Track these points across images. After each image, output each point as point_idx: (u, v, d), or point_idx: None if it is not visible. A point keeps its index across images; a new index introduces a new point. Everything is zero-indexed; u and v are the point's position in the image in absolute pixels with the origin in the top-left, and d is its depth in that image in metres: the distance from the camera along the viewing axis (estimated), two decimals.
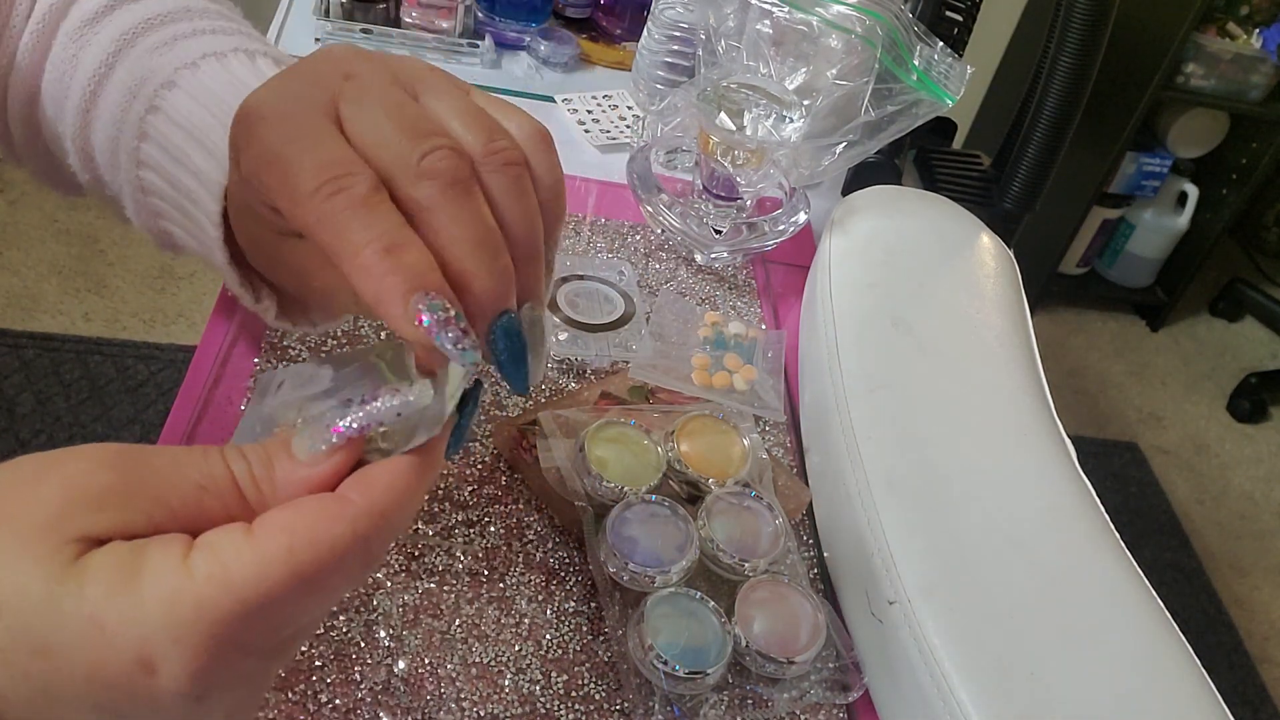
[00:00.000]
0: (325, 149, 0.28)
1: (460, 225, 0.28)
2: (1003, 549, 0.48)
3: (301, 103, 0.29)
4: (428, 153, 0.28)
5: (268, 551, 0.23)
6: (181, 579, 0.22)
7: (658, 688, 0.45)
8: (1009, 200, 0.81)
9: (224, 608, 0.22)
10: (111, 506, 0.23)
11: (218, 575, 0.23)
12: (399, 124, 0.28)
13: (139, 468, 0.24)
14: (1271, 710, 1.73)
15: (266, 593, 0.23)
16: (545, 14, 0.97)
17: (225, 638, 0.23)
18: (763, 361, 0.64)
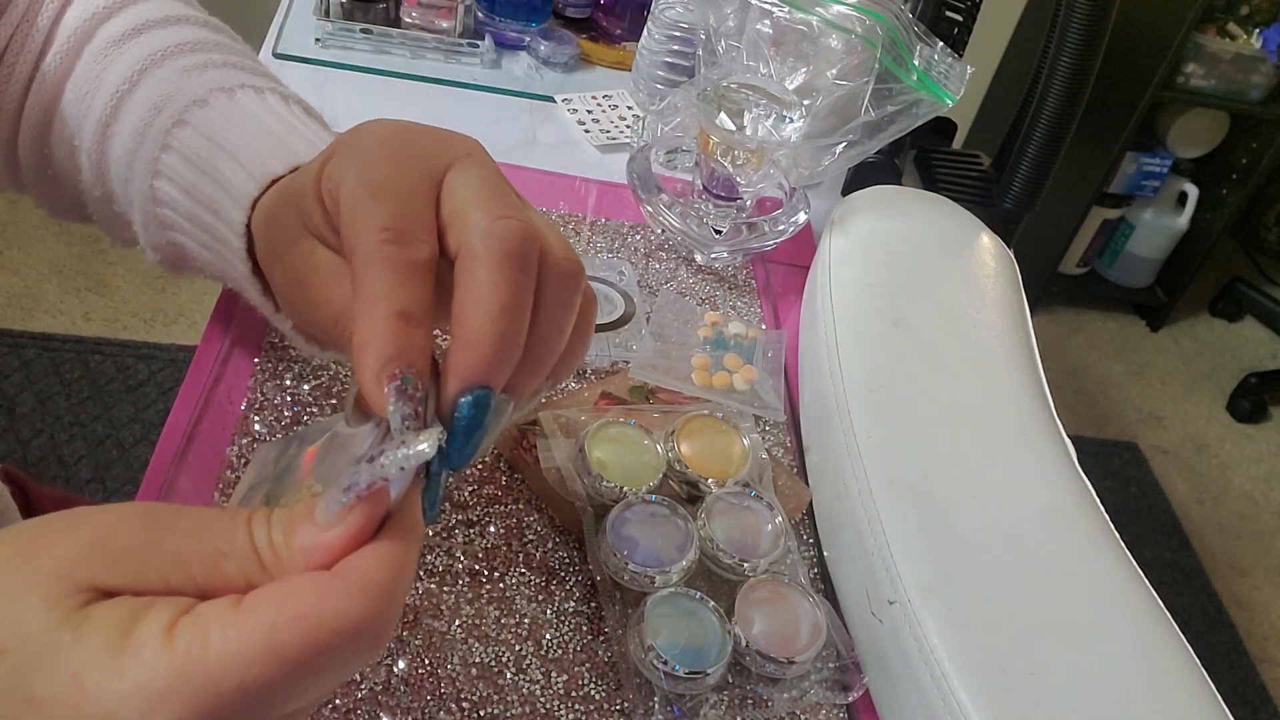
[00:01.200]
0: (414, 206, 0.30)
1: (497, 289, 0.29)
2: (1003, 549, 0.48)
3: (421, 157, 0.31)
4: (505, 218, 0.29)
5: (248, 629, 0.22)
6: (159, 650, 0.22)
7: (658, 688, 0.45)
8: (1009, 200, 0.81)
9: (196, 688, 0.21)
10: (129, 562, 0.23)
11: (195, 652, 0.22)
12: (493, 195, 0.30)
13: (164, 528, 0.24)
14: (1272, 710, 1.73)
15: (244, 674, 0.22)
16: (545, 14, 0.97)
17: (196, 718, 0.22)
18: (763, 361, 0.64)
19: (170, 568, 0.24)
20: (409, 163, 0.31)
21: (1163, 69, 2.06)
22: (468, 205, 0.30)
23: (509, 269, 0.29)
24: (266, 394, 0.54)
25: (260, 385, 0.55)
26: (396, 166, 0.31)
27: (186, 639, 0.22)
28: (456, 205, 0.30)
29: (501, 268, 0.29)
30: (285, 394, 0.55)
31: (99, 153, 0.44)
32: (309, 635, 0.22)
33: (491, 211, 0.30)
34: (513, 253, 0.29)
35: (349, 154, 0.32)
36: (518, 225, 0.29)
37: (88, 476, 1.56)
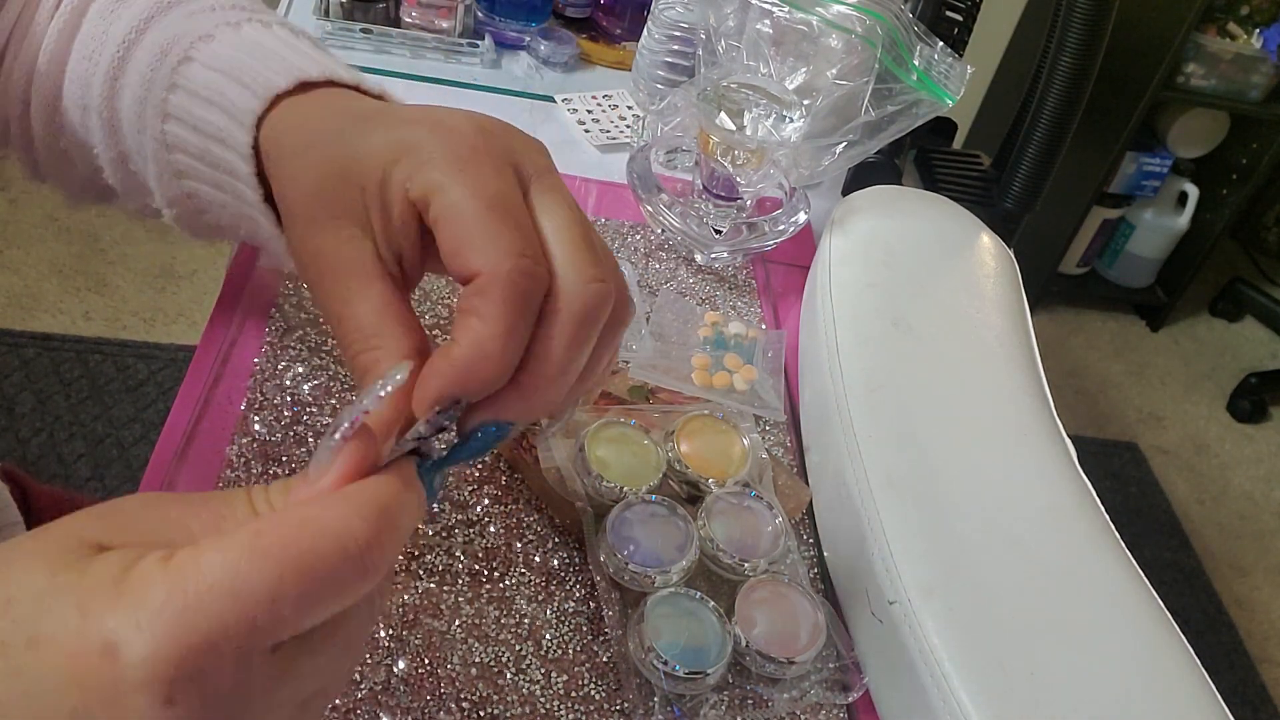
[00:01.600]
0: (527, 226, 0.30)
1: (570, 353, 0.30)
2: (1003, 549, 0.48)
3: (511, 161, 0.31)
4: (596, 281, 0.30)
5: (237, 539, 0.23)
6: (155, 572, 0.22)
7: (658, 688, 0.45)
8: (1009, 200, 0.81)
9: (189, 598, 0.21)
10: (133, 526, 0.24)
11: (189, 568, 0.22)
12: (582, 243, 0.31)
13: (167, 500, 0.25)
14: (1272, 710, 1.73)
15: (234, 580, 0.22)
16: (545, 14, 0.97)
17: (194, 627, 0.21)
18: (763, 361, 0.64)
19: (173, 529, 0.24)
20: (508, 173, 0.31)
21: (1163, 69, 2.06)
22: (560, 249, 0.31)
23: (586, 330, 0.30)
24: (266, 394, 0.54)
25: (260, 385, 0.55)
26: (502, 179, 0.31)
27: (180, 558, 0.22)
28: (549, 243, 0.31)
29: (580, 329, 0.30)
30: (285, 394, 0.55)
31: (109, 109, 0.43)
32: (293, 538, 0.23)
33: (584, 269, 0.30)
34: (594, 316, 0.30)
35: (442, 159, 0.31)
36: (605, 291, 0.30)
37: (87, 475, 1.56)
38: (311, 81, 0.38)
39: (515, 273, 0.29)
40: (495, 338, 0.28)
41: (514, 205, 0.30)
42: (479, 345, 0.28)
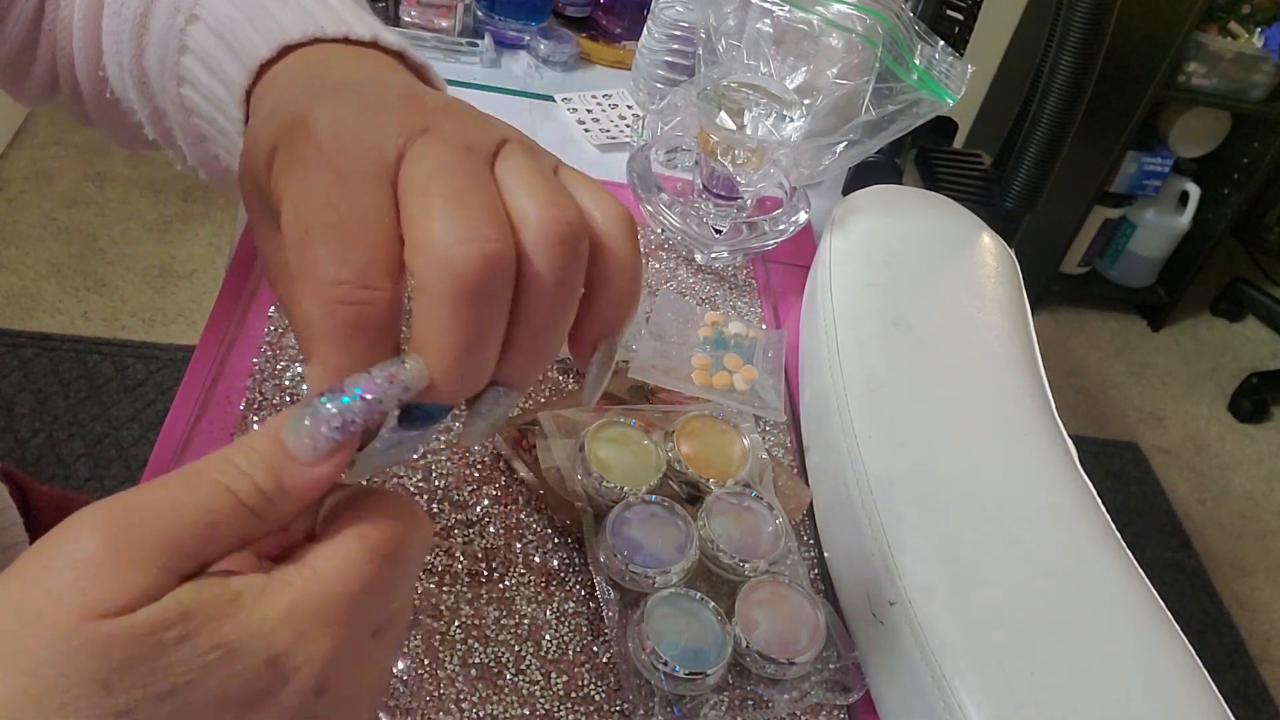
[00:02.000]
0: (366, 234, 0.26)
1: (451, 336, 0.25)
2: (1003, 549, 0.48)
3: (372, 152, 0.27)
4: (461, 242, 0.25)
5: (343, 545, 0.25)
6: (284, 586, 0.24)
7: (658, 688, 0.45)
8: (1010, 200, 0.81)
9: (329, 599, 0.24)
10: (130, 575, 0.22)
11: (308, 575, 0.24)
12: (448, 201, 0.26)
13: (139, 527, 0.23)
14: (1273, 711, 1.73)
15: (360, 577, 0.25)
16: (545, 13, 0.97)
17: (340, 620, 0.24)
18: (763, 361, 0.64)
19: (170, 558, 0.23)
20: (356, 170, 0.26)
21: (1164, 68, 2.06)
22: (421, 218, 0.26)
23: (464, 310, 0.25)
24: (265, 394, 0.54)
25: (259, 385, 0.55)
26: (340, 182, 0.26)
27: (299, 573, 0.24)
28: (411, 217, 0.26)
29: (457, 309, 0.25)
30: (284, 394, 0.55)
31: (138, 68, 0.42)
32: (389, 533, 0.25)
33: (446, 232, 0.25)
34: (470, 289, 0.25)
35: (289, 162, 0.27)
36: (476, 252, 0.25)
37: (86, 475, 1.56)
38: (295, 44, 0.35)
39: (330, 303, 0.25)
40: (333, 378, 0.26)
41: (345, 217, 0.26)
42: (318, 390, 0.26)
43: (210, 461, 0.25)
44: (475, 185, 0.26)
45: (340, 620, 0.24)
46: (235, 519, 0.24)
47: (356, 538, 0.25)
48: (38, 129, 2.21)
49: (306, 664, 0.24)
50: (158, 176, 2.15)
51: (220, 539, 0.24)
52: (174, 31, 0.39)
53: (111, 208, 2.06)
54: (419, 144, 0.27)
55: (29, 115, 2.23)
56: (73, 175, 2.12)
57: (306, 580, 0.24)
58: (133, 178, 2.14)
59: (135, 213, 2.06)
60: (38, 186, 2.07)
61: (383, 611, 0.26)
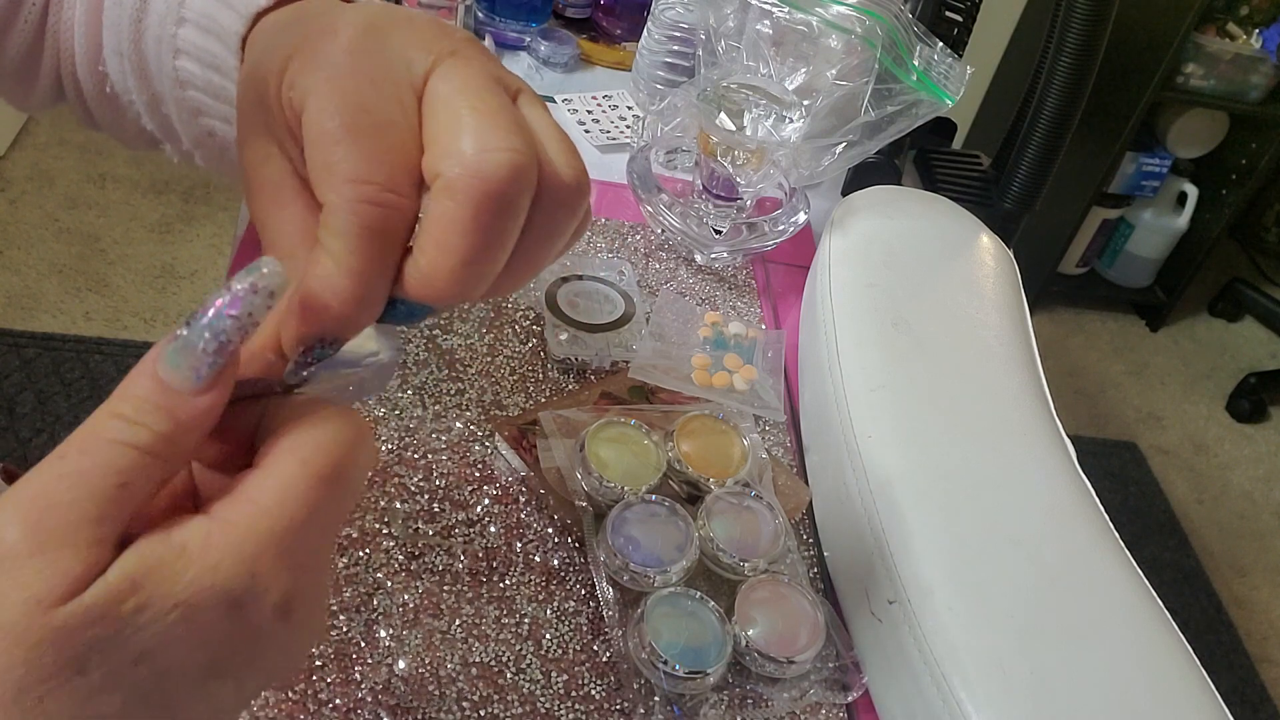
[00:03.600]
0: (392, 141, 0.26)
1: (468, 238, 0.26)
2: (1003, 549, 0.48)
3: (400, 64, 0.27)
4: (493, 150, 0.26)
5: (282, 472, 0.24)
6: (227, 526, 0.23)
7: (658, 688, 0.45)
8: (1009, 200, 0.81)
9: (277, 529, 0.24)
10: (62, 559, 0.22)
11: (252, 511, 0.24)
12: (482, 114, 0.26)
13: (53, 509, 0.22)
14: (1271, 710, 1.73)
15: (305, 502, 0.24)
16: (545, 14, 0.97)
17: (290, 549, 0.24)
18: (763, 361, 0.64)
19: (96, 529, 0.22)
20: (385, 77, 0.27)
21: (1162, 69, 2.06)
22: (452, 127, 0.26)
23: (487, 214, 0.26)
24: None
25: None
26: (372, 85, 0.26)
27: (239, 509, 0.24)
28: (440, 126, 0.26)
29: (480, 213, 0.25)
30: None
31: (136, 53, 0.41)
32: (330, 453, 0.25)
33: (478, 140, 0.26)
34: (495, 195, 0.26)
35: (314, 64, 0.27)
36: (506, 161, 0.26)
37: None
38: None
39: (357, 202, 0.25)
40: (345, 275, 0.26)
41: (377, 120, 0.26)
42: (328, 287, 0.26)
43: (98, 422, 0.24)
44: (504, 105, 0.27)
45: (291, 548, 0.24)
46: (144, 470, 0.23)
47: (297, 463, 0.25)
48: (39, 130, 2.21)
49: (265, 595, 0.24)
50: (160, 177, 2.15)
51: (136, 493, 0.23)
52: (171, 6, 0.39)
53: (113, 208, 2.06)
54: (448, 62, 0.27)
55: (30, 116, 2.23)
56: (74, 176, 2.12)
57: (249, 516, 0.24)
58: (135, 178, 2.14)
59: (137, 213, 2.06)
60: (39, 187, 2.07)
61: (334, 528, 0.26)
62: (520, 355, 0.62)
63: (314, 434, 0.25)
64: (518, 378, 0.60)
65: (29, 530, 0.22)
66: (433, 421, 0.56)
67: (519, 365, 0.61)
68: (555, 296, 0.63)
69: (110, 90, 0.45)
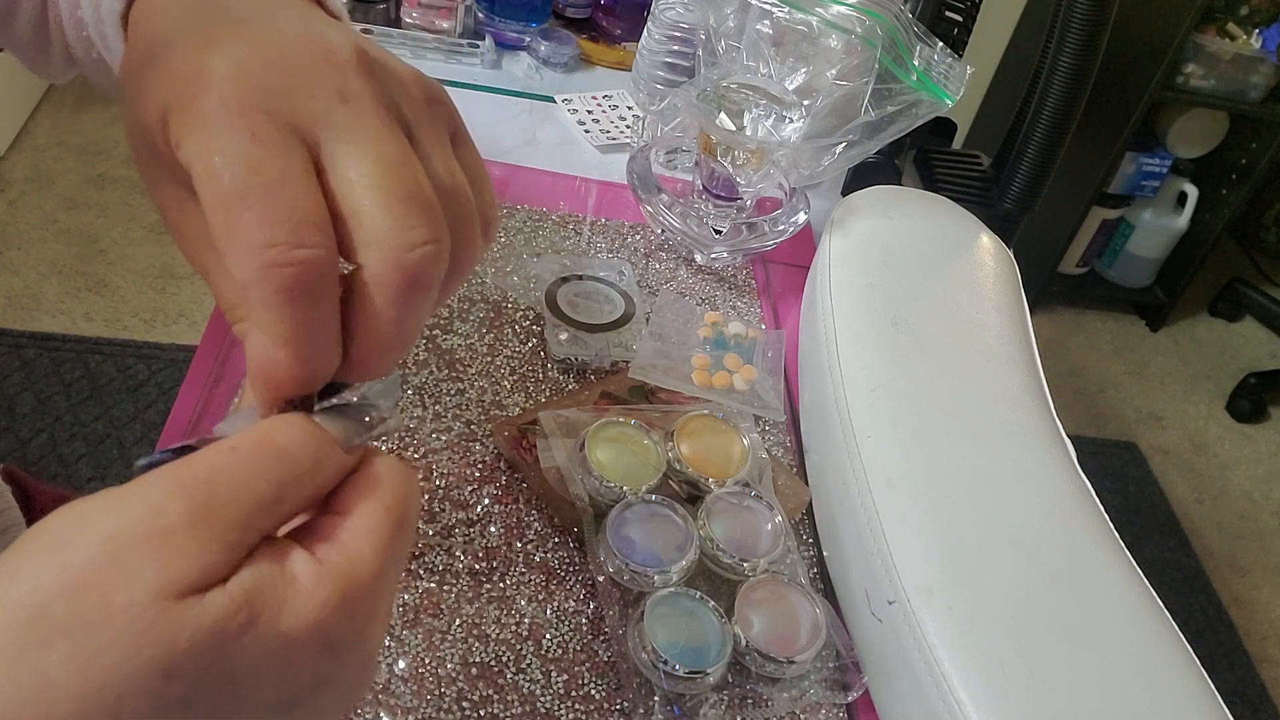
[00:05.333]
0: (290, 192, 0.25)
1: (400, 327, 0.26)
2: (1003, 549, 0.48)
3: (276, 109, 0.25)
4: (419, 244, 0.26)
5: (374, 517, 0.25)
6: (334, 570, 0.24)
7: (658, 687, 0.45)
8: (1009, 200, 0.81)
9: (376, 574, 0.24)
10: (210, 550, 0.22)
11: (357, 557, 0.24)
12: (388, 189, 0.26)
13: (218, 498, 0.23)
14: (1271, 710, 1.73)
15: (390, 550, 0.25)
16: (545, 14, 0.97)
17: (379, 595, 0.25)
18: (763, 361, 0.64)
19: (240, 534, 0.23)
20: (268, 128, 0.25)
21: (1162, 69, 2.06)
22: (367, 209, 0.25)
23: (413, 301, 0.26)
24: None
25: None
26: (255, 141, 0.25)
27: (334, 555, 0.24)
28: (353, 203, 0.25)
29: (407, 302, 0.26)
30: None
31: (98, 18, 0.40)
32: (404, 500, 0.26)
33: (398, 234, 0.25)
34: (420, 284, 0.26)
35: (192, 125, 0.25)
36: (431, 254, 0.26)
37: (88, 475, 1.56)
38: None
39: (266, 268, 0.24)
40: (280, 346, 0.25)
41: (268, 178, 0.25)
42: (268, 361, 0.25)
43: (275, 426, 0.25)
44: (416, 178, 0.26)
45: (382, 595, 0.25)
46: (298, 491, 0.24)
47: (383, 510, 0.25)
48: (39, 130, 2.21)
49: (361, 645, 0.24)
50: None
51: (284, 512, 0.24)
52: None
53: (112, 209, 2.06)
54: (340, 114, 0.26)
55: (30, 117, 2.23)
56: (74, 177, 2.12)
57: (354, 562, 0.24)
58: (134, 179, 2.14)
59: (136, 214, 2.06)
60: (39, 188, 2.07)
61: (400, 572, 0.27)
62: (520, 355, 0.62)
63: (390, 480, 0.26)
64: (518, 378, 0.60)
65: (190, 512, 0.22)
66: (433, 421, 0.56)
67: (519, 365, 0.61)
68: (555, 296, 0.63)
69: (97, 55, 0.45)
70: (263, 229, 0.24)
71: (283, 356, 0.25)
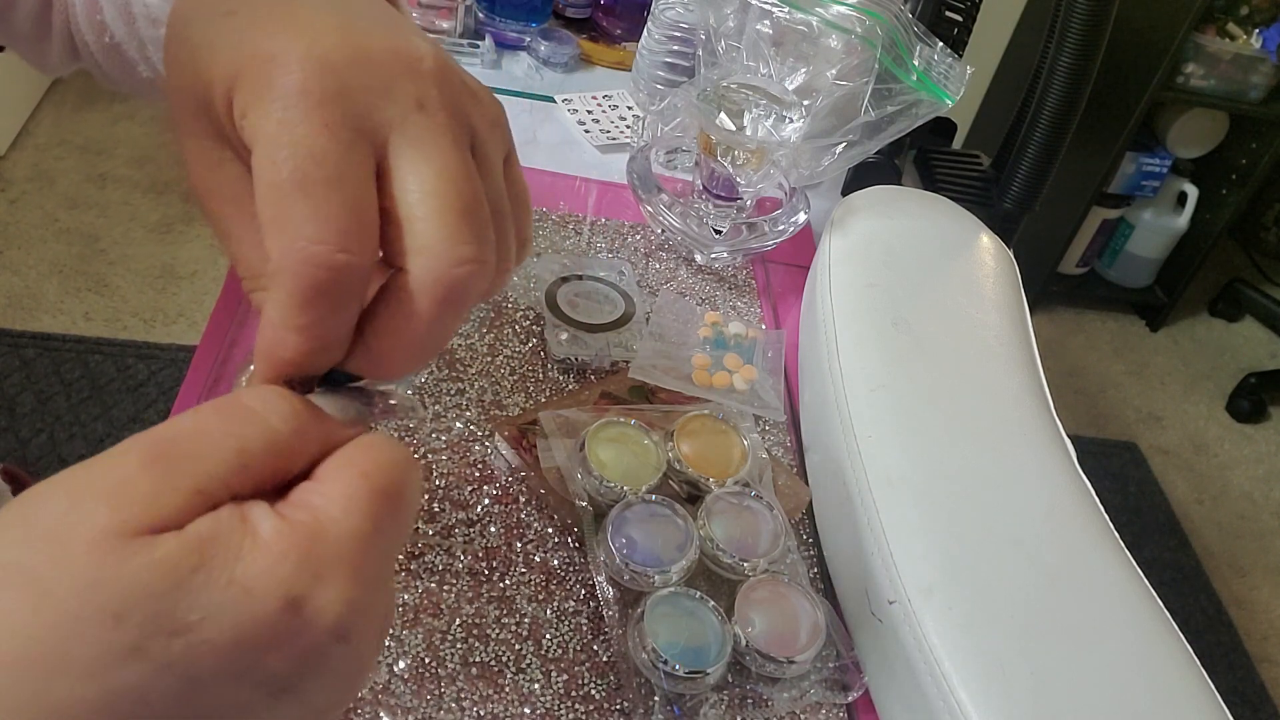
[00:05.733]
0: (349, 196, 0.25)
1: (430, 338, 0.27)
2: (1003, 549, 0.48)
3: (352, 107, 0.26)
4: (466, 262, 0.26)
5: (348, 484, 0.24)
6: (296, 525, 0.23)
7: (658, 687, 0.45)
8: (1009, 200, 0.81)
9: (348, 535, 0.23)
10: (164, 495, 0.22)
11: (324, 515, 0.23)
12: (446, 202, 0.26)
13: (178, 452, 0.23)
14: (1271, 710, 1.73)
15: (370, 517, 0.24)
16: (545, 14, 0.97)
17: (353, 561, 0.23)
18: (763, 361, 0.64)
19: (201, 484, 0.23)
20: (342, 124, 0.25)
21: (1162, 69, 2.06)
22: (424, 217, 0.26)
23: (446, 316, 0.26)
24: None
25: None
26: (327, 133, 0.25)
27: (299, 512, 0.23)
28: (410, 208, 0.26)
29: (440, 315, 0.26)
30: None
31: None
32: (391, 473, 0.25)
33: (450, 248, 0.26)
34: (457, 300, 0.26)
35: (264, 100, 0.25)
36: (476, 272, 0.26)
37: None
38: None
39: (305, 264, 0.25)
40: (292, 331, 0.25)
41: (330, 174, 0.25)
42: (278, 341, 0.25)
43: (248, 391, 0.25)
44: (475, 195, 0.27)
45: (358, 562, 0.23)
46: (265, 460, 0.24)
47: (359, 475, 0.24)
48: (40, 130, 2.21)
49: (329, 606, 0.23)
50: (160, 178, 2.15)
51: (249, 479, 0.23)
52: None
53: (113, 209, 2.06)
54: (415, 122, 0.27)
55: (31, 116, 2.23)
56: (75, 176, 2.12)
57: (321, 520, 0.23)
58: (135, 179, 2.14)
59: (137, 214, 2.06)
60: (40, 187, 2.07)
61: (393, 554, 0.26)
62: (520, 355, 0.62)
63: (372, 452, 0.25)
64: (518, 378, 0.60)
65: (146, 460, 0.22)
66: (433, 421, 0.56)
67: (519, 365, 0.61)
68: (555, 296, 0.63)
69: (110, 40, 0.45)
70: (312, 224, 0.25)
71: (291, 340, 0.25)
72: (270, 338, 0.26)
